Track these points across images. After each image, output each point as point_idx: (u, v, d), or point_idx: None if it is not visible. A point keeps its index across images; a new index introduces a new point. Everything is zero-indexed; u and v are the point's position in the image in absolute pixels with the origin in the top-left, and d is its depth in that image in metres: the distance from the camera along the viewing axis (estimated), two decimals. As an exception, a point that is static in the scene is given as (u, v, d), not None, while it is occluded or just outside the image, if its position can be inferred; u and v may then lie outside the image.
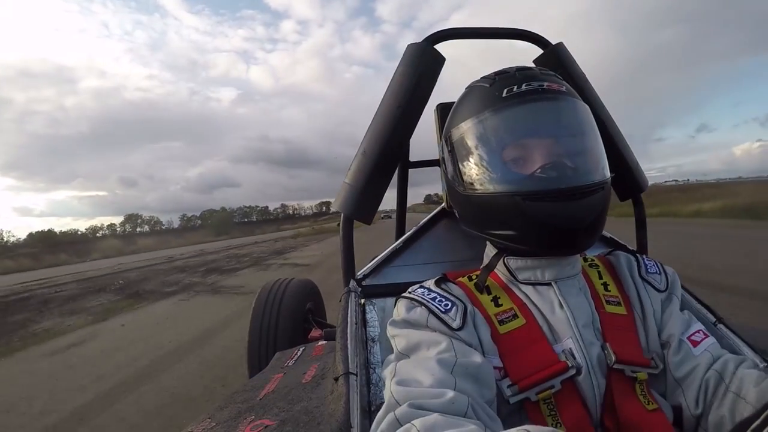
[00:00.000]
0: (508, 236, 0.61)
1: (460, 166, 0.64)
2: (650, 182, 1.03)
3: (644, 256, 0.71)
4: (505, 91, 0.59)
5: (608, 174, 0.61)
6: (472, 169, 0.62)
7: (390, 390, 0.48)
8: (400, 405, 0.44)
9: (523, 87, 0.58)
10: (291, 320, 1.74)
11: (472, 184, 0.62)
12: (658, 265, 0.69)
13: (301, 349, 1.16)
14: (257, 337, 1.67)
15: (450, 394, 0.45)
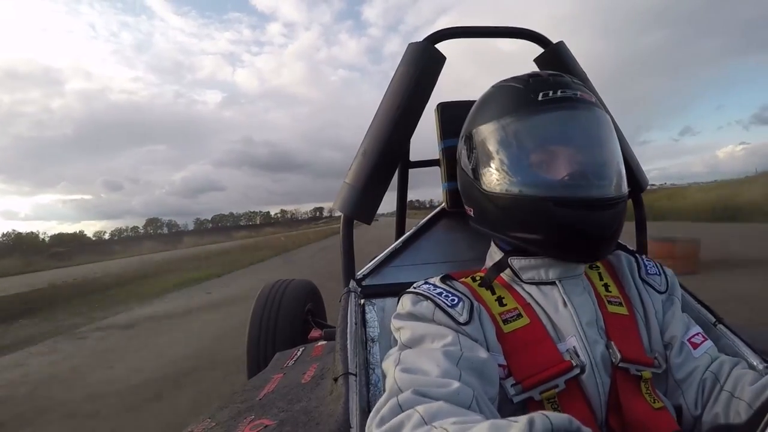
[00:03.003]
0: (529, 239, 0.61)
1: (484, 165, 0.63)
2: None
3: (644, 257, 0.71)
4: (541, 94, 0.59)
5: (626, 188, 0.62)
6: (499, 169, 0.61)
7: (394, 377, 0.48)
8: (403, 392, 0.43)
9: (559, 93, 0.59)
10: (290, 321, 1.73)
11: (496, 184, 0.62)
12: (658, 266, 0.70)
13: (300, 350, 1.16)
14: (257, 338, 1.66)
15: (455, 384, 0.44)
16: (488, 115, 0.64)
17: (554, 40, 0.95)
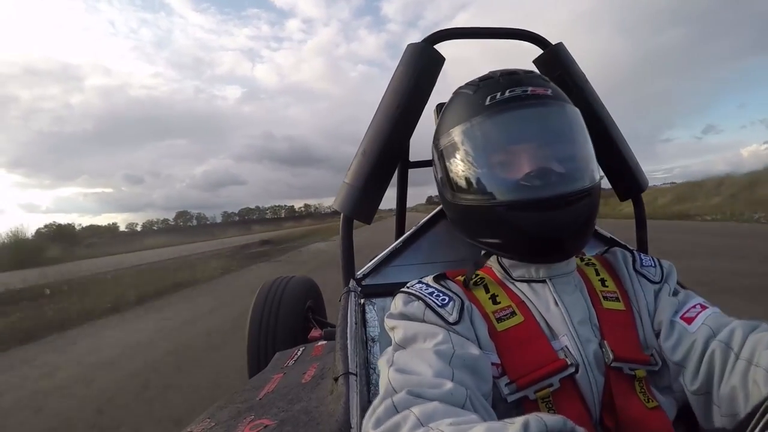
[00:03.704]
0: (494, 244, 0.62)
1: (447, 173, 0.64)
2: (652, 183, 1.02)
3: (641, 252, 0.71)
4: (488, 98, 0.59)
5: (597, 177, 0.61)
6: (457, 177, 0.62)
7: (388, 377, 0.47)
8: (398, 392, 0.43)
9: (507, 94, 0.58)
10: (291, 319, 1.73)
11: (458, 191, 0.63)
12: (654, 259, 0.69)
13: (300, 349, 1.16)
14: (257, 337, 1.66)
15: (449, 384, 0.44)
16: (445, 124, 0.65)
17: (572, 37, 0.94)
